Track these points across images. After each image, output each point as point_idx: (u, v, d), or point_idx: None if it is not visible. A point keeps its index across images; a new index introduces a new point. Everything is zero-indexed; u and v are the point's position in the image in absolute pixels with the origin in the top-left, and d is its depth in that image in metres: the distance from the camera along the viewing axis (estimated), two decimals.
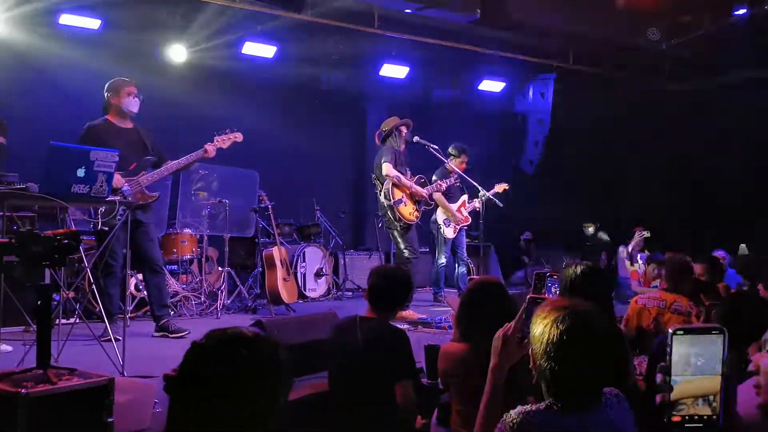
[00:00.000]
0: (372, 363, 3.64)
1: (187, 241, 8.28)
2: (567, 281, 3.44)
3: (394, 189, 7.71)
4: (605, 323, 2.05)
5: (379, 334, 3.73)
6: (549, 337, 1.97)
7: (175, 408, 1.75)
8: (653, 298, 5.10)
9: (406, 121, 8.02)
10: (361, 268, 10.47)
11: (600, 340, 1.99)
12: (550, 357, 1.97)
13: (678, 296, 4.99)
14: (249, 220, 9.46)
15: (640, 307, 5.09)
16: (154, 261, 6.27)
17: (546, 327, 1.99)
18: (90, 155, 4.44)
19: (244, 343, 1.74)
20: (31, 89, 8.83)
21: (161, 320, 6.30)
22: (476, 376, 3.23)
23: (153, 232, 6.37)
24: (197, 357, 1.75)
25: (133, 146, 6.13)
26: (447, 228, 8.87)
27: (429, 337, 6.06)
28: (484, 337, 3.25)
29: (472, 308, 3.32)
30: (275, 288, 7.84)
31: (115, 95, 6.17)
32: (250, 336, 1.76)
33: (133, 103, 6.22)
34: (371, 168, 8.11)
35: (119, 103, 6.16)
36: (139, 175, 5.99)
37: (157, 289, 6.31)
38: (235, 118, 9.39)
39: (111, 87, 6.23)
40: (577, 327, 1.96)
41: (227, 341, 1.76)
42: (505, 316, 3.32)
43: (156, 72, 9.39)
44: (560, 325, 1.96)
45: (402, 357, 3.70)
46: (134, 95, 6.21)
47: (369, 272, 4.01)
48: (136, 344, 5.67)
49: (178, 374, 1.76)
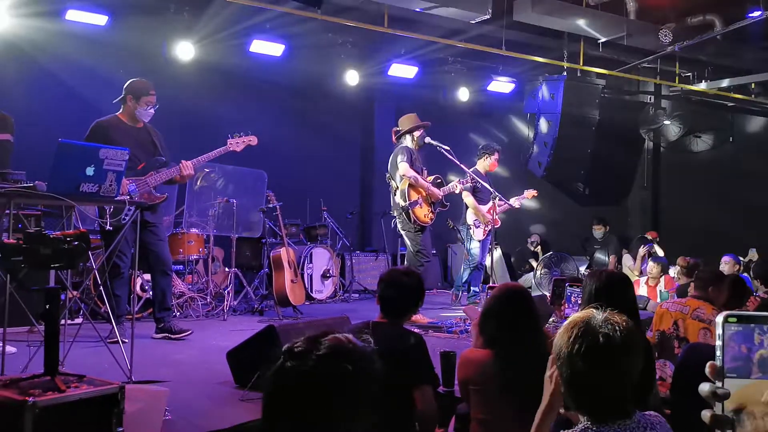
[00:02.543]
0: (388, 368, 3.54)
1: (193, 241, 8.21)
2: (591, 290, 3.36)
3: (410, 190, 7.61)
4: (628, 335, 1.96)
5: (393, 338, 3.63)
6: (564, 348, 1.95)
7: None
8: (677, 303, 5.11)
9: (425, 124, 7.92)
10: (368, 270, 10.41)
11: (618, 351, 1.91)
12: (566, 365, 1.95)
13: (703, 303, 4.93)
14: (256, 220, 9.38)
15: (664, 311, 5.09)
16: (165, 263, 6.18)
17: (563, 337, 1.97)
18: (99, 153, 4.34)
19: (349, 355, 1.61)
20: (37, 86, 8.77)
21: (162, 322, 6.21)
22: (499, 384, 3.15)
23: (162, 233, 6.29)
24: (297, 373, 1.60)
25: (143, 146, 6.05)
26: (477, 229, 8.76)
27: (441, 342, 5.99)
28: (508, 345, 3.18)
29: (498, 315, 3.23)
30: (283, 290, 7.74)
31: (134, 98, 6.07)
32: (353, 348, 1.63)
33: (148, 114, 6.13)
34: (379, 169, 8.05)
35: (135, 108, 6.07)
36: (147, 176, 5.89)
37: (162, 292, 6.22)
38: (242, 117, 9.38)
39: (133, 88, 6.10)
40: (592, 338, 1.92)
41: (334, 354, 1.61)
42: (531, 322, 3.26)
43: (162, 69, 9.31)
44: (575, 336, 1.94)
45: (420, 361, 3.60)
46: (152, 105, 6.11)
47: (378, 278, 3.90)
48: (143, 347, 5.59)
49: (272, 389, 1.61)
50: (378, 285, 3.82)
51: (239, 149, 6.40)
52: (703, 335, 4.69)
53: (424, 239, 7.76)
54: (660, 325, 5.00)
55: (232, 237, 8.32)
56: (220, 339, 6.21)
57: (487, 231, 8.82)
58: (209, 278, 8.15)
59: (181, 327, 6.29)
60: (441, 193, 7.87)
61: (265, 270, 8.81)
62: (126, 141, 5.67)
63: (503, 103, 12.86)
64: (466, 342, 5.88)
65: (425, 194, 7.73)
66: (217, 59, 9.89)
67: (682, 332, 4.86)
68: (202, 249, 8.33)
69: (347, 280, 10.12)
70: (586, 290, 3.45)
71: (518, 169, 12.83)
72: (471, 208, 8.69)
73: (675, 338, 4.85)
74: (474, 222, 8.77)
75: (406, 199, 7.55)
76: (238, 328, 6.72)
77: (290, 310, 7.87)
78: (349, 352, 1.60)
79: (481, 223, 8.76)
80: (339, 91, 11.36)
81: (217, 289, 8.32)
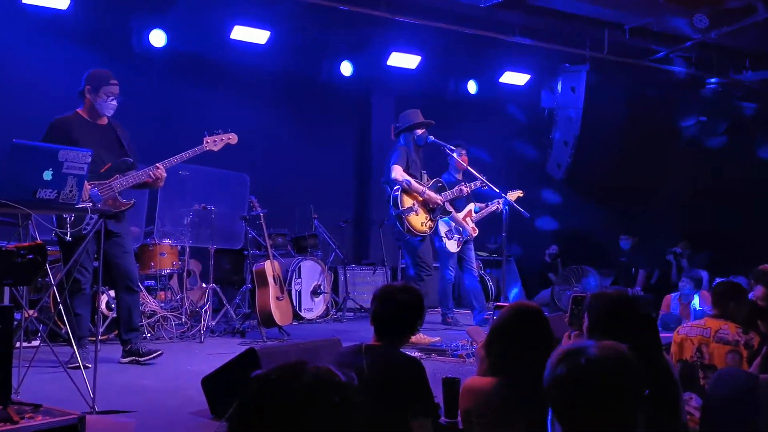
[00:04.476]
0: (382, 398, 3.56)
1: (166, 254, 8.22)
2: (593, 315, 3.38)
3: (404, 196, 7.59)
4: (621, 370, 2.07)
5: (389, 364, 3.65)
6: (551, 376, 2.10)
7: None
8: (696, 326, 5.02)
9: (428, 123, 7.93)
10: (364, 286, 10.42)
11: (603, 390, 2.04)
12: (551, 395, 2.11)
13: (725, 322, 4.89)
14: (237, 229, 9.40)
15: (682, 338, 5.02)
16: (130, 278, 6.18)
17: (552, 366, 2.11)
18: (59, 155, 4.37)
19: (335, 389, 1.65)
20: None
21: (128, 344, 6.22)
22: (505, 417, 3.17)
23: (128, 244, 6.29)
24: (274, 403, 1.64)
25: (108, 145, 6.06)
26: (449, 241, 8.84)
27: (444, 367, 6.01)
28: (517, 372, 3.20)
29: (506, 338, 3.25)
30: (267, 308, 7.76)
31: (93, 90, 6.08)
32: (339, 381, 1.66)
33: (110, 107, 6.12)
34: (377, 171, 8.08)
35: (94, 102, 6.08)
36: (112, 179, 5.91)
37: (128, 310, 6.22)
38: (221, 114, 9.43)
39: (92, 79, 6.11)
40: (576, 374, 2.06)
41: (315, 385, 1.66)
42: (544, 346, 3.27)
43: (131, 59, 9.36)
44: (560, 368, 2.08)
45: (418, 391, 3.62)
46: (114, 97, 6.12)
47: (372, 295, 3.92)
48: (109, 372, 5.60)
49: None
50: (372, 302, 3.84)
51: (217, 148, 6.42)
52: (732, 359, 4.67)
53: (424, 250, 7.76)
54: (681, 354, 4.95)
55: (210, 248, 8.34)
56: (196, 363, 6.22)
57: (461, 242, 8.88)
58: (184, 295, 8.16)
59: (150, 348, 6.30)
60: (441, 198, 7.85)
61: (247, 286, 8.82)
62: (88, 140, 5.69)
63: (517, 98, 12.90)
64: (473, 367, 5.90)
65: (422, 200, 7.73)
66: (192, 47, 9.94)
67: (707, 359, 4.80)
68: (176, 262, 8.34)
69: (340, 297, 10.13)
70: (590, 316, 3.45)
71: (535, 172, 12.87)
72: (450, 216, 8.74)
73: (699, 367, 4.80)
74: (446, 233, 8.83)
75: (398, 206, 7.55)
76: (217, 352, 6.73)
77: (275, 330, 7.88)
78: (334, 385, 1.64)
79: (453, 234, 8.82)
80: (331, 84, 11.41)
81: (194, 307, 8.33)
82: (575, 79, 12.09)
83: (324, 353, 4.82)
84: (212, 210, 8.33)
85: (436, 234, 8.75)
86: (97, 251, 5.56)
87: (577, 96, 12.05)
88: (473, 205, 9.14)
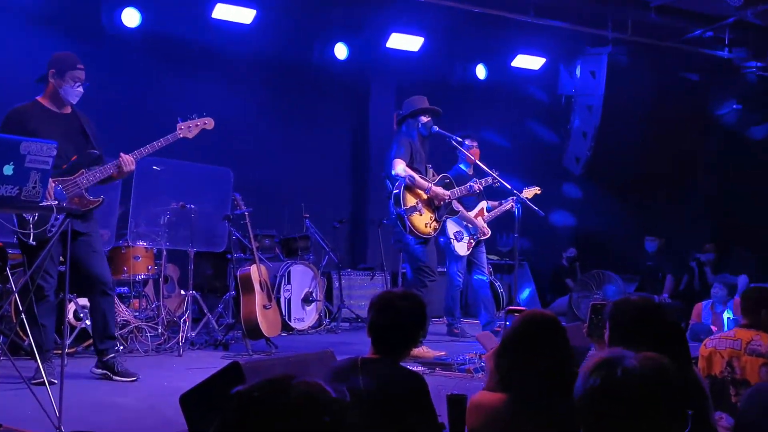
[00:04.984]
0: (379, 418, 3.57)
1: (140, 257, 8.21)
2: (615, 324, 3.38)
3: (407, 193, 7.57)
4: (662, 385, 2.08)
5: (387, 380, 3.65)
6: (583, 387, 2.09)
7: None
8: (726, 338, 5.03)
9: (434, 109, 7.90)
10: (361, 292, 10.42)
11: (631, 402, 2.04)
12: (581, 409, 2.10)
13: (757, 332, 4.90)
14: (220, 230, 9.39)
15: (710, 351, 5.03)
16: (101, 280, 6.15)
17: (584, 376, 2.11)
18: (21, 147, 4.35)
19: (325, 406, 1.64)
20: None
21: (106, 355, 6.21)
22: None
23: (97, 243, 6.26)
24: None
25: (73, 137, 6.04)
26: (459, 243, 8.84)
27: (450, 383, 6.02)
28: (528, 387, 3.20)
29: (518, 350, 3.25)
30: (253, 318, 7.76)
31: (58, 75, 6.06)
32: (330, 398, 1.66)
33: (75, 94, 6.10)
34: (376, 165, 8.06)
35: (59, 87, 6.06)
36: (78, 174, 5.89)
37: (103, 316, 6.21)
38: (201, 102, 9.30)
39: (57, 62, 6.07)
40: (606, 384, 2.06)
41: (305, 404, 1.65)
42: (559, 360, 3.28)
43: (101, 41, 9.35)
44: (593, 379, 2.08)
45: (420, 409, 3.63)
46: (80, 82, 6.10)
47: (369, 302, 3.92)
48: (77, 388, 5.59)
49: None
50: (369, 311, 3.84)
51: (192, 135, 6.39)
52: (766, 373, 4.67)
53: (428, 253, 7.73)
54: (709, 368, 4.95)
55: (189, 251, 8.34)
56: (174, 379, 6.22)
57: (472, 244, 8.88)
58: (161, 303, 8.15)
59: (127, 369, 6.28)
60: (449, 195, 7.85)
61: (230, 293, 8.82)
62: (50, 131, 5.64)
63: (531, 83, 12.90)
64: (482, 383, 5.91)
65: (426, 198, 7.71)
66: (169, 28, 9.94)
67: (738, 374, 4.81)
68: (152, 267, 8.33)
69: (335, 306, 10.14)
70: (611, 323, 3.46)
71: (550, 166, 12.87)
72: (459, 215, 8.76)
73: (730, 383, 4.80)
74: (455, 234, 8.82)
75: (400, 205, 7.53)
76: (197, 366, 6.74)
77: (262, 343, 7.89)
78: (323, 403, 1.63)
79: (463, 235, 8.82)
80: (325, 69, 11.41)
81: (171, 316, 8.32)
82: (596, 63, 12.10)
83: (315, 368, 4.82)
84: (191, 209, 8.32)
85: (443, 234, 8.76)
86: (64, 254, 5.54)
87: (597, 82, 12.07)
88: (485, 203, 9.14)
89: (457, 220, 8.85)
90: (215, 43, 10.37)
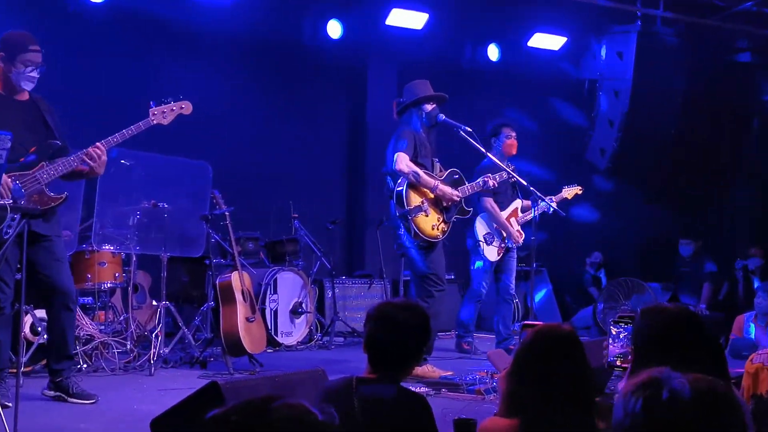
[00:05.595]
0: None
1: (107, 263, 8.22)
2: (643, 335, 3.37)
3: (411, 192, 7.55)
4: (715, 414, 2.03)
5: (386, 402, 3.66)
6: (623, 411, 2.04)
7: None
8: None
9: (440, 96, 7.89)
10: (357, 302, 10.43)
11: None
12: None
13: None
14: (197, 232, 9.39)
15: (757, 367, 5.02)
16: (63, 291, 6.14)
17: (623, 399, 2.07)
18: None
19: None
20: None
21: (59, 376, 6.19)
22: None
23: (60, 250, 6.25)
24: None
25: (30, 126, 6.03)
26: (488, 246, 8.80)
27: (458, 406, 6.02)
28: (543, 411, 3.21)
29: (531, 369, 3.25)
30: (234, 332, 7.77)
31: (9, 59, 6.04)
32: (316, 421, 1.67)
33: (29, 79, 6.05)
34: (373, 159, 8.06)
35: (9, 72, 6.04)
36: (37, 168, 5.89)
37: (62, 332, 6.19)
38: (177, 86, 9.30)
39: (6, 43, 6.02)
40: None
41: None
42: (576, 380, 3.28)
43: (64, 18, 9.36)
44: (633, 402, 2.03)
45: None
46: (34, 67, 6.06)
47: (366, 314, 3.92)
48: (34, 412, 5.61)
49: None
50: (365, 324, 3.84)
51: (167, 121, 6.36)
52: None
53: (434, 259, 7.71)
54: (756, 387, 4.96)
55: (162, 257, 8.33)
56: (144, 402, 6.24)
57: (503, 250, 8.84)
58: (130, 315, 8.15)
59: (84, 390, 6.27)
60: (458, 194, 7.84)
61: (209, 303, 8.82)
62: (5, 120, 5.66)
63: (550, 66, 12.91)
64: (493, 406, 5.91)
65: (433, 197, 7.70)
66: (141, 3, 9.94)
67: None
68: (120, 274, 8.34)
69: (327, 318, 10.15)
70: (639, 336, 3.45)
71: (572, 160, 12.88)
72: (491, 215, 8.74)
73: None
74: (485, 236, 8.80)
75: (404, 205, 7.52)
76: (170, 387, 6.75)
77: (245, 360, 7.90)
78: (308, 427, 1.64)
79: (493, 238, 8.79)
80: (316, 49, 11.42)
81: (142, 330, 8.34)
82: (623, 43, 12.10)
83: (303, 389, 4.82)
84: (165, 208, 8.32)
85: (471, 236, 8.76)
86: (21, 260, 5.53)
87: (625, 64, 12.06)
88: (519, 202, 9.09)
89: (487, 221, 8.84)
90: (192, 20, 10.36)
